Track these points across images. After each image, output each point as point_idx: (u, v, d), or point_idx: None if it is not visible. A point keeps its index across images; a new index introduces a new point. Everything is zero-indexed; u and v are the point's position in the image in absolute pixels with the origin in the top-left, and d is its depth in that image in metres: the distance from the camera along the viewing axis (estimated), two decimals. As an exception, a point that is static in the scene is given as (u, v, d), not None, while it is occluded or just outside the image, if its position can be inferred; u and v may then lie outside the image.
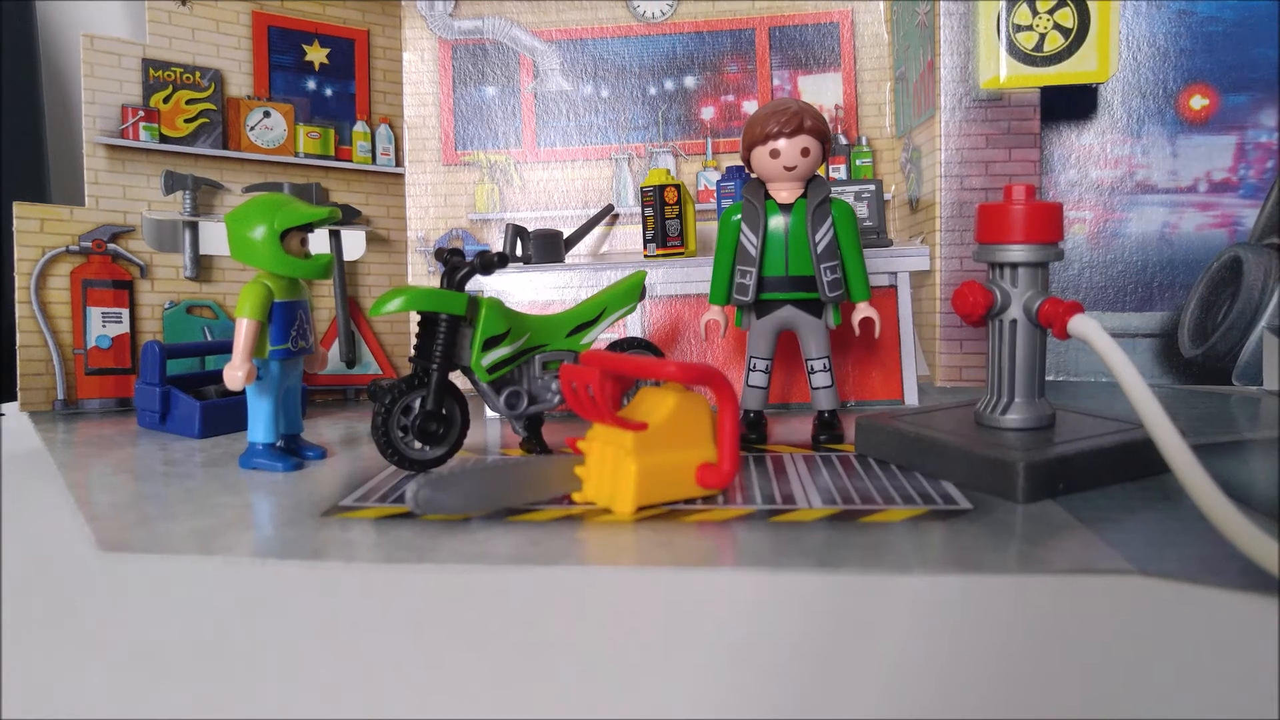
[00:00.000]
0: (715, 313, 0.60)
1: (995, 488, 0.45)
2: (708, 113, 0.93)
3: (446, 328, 0.52)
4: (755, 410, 0.61)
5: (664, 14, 0.92)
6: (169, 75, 0.82)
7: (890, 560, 0.36)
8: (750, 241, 0.58)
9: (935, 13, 0.79)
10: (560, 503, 0.46)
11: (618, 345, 0.64)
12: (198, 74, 0.83)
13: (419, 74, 0.93)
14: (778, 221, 0.58)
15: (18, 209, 0.77)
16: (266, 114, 0.86)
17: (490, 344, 0.53)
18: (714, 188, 0.89)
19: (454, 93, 0.93)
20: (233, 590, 0.35)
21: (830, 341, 0.60)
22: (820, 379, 0.60)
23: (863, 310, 0.59)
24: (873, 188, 0.78)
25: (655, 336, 0.73)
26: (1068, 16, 0.74)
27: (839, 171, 0.91)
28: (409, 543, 0.40)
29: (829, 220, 0.57)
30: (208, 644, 0.30)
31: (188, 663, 0.29)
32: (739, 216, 0.58)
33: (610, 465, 0.44)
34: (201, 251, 0.82)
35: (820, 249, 0.57)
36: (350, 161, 0.89)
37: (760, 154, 0.57)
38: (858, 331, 0.60)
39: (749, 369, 0.61)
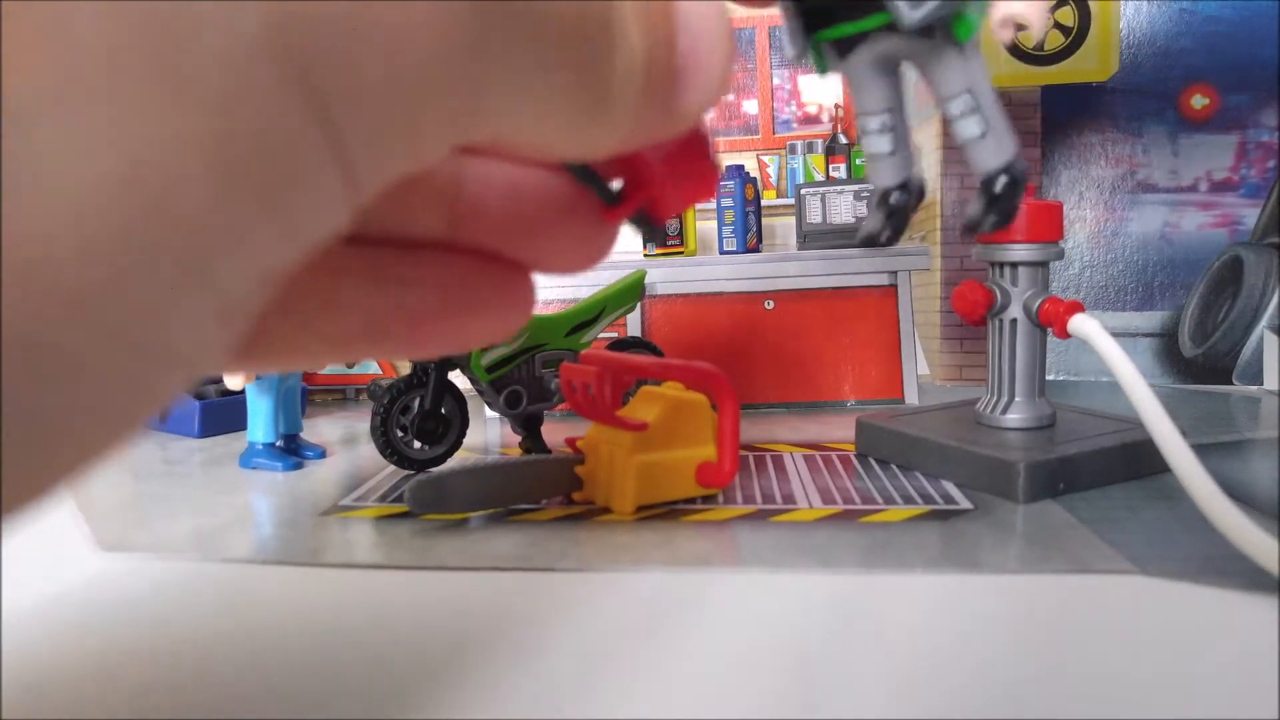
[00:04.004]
0: None
1: (996, 488, 0.45)
2: (707, 112, 0.93)
3: (446, 327, 0.52)
4: (890, 186, 0.42)
5: (664, 13, 0.92)
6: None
7: (890, 560, 0.36)
8: None
9: (935, 12, 0.79)
10: (560, 502, 0.45)
11: (618, 345, 0.64)
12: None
13: (419, 73, 0.92)
14: None
15: (17, 208, 0.76)
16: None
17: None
18: (714, 187, 0.89)
19: (454, 92, 0.93)
20: (232, 589, 0.35)
21: (980, 66, 0.38)
22: (966, 127, 0.38)
23: (1006, 7, 0.40)
24: (873, 187, 0.78)
25: (655, 336, 0.73)
26: (1068, 15, 0.73)
27: (839, 171, 0.91)
28: (408, 542, 0.40)
29: None
30: (207, 644, 0.30)
31: (187, 663, 0.29)
32: None
33: (609, 465, 0.44)
34: (201, 251, 0.82)
35: None
36: (350, 161, 0.89)
37: None
38: (1009, 37, 0.39)
39: (860, 132, 0.41)
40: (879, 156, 0.40)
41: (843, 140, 0.91)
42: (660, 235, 0.20)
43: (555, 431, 0.60)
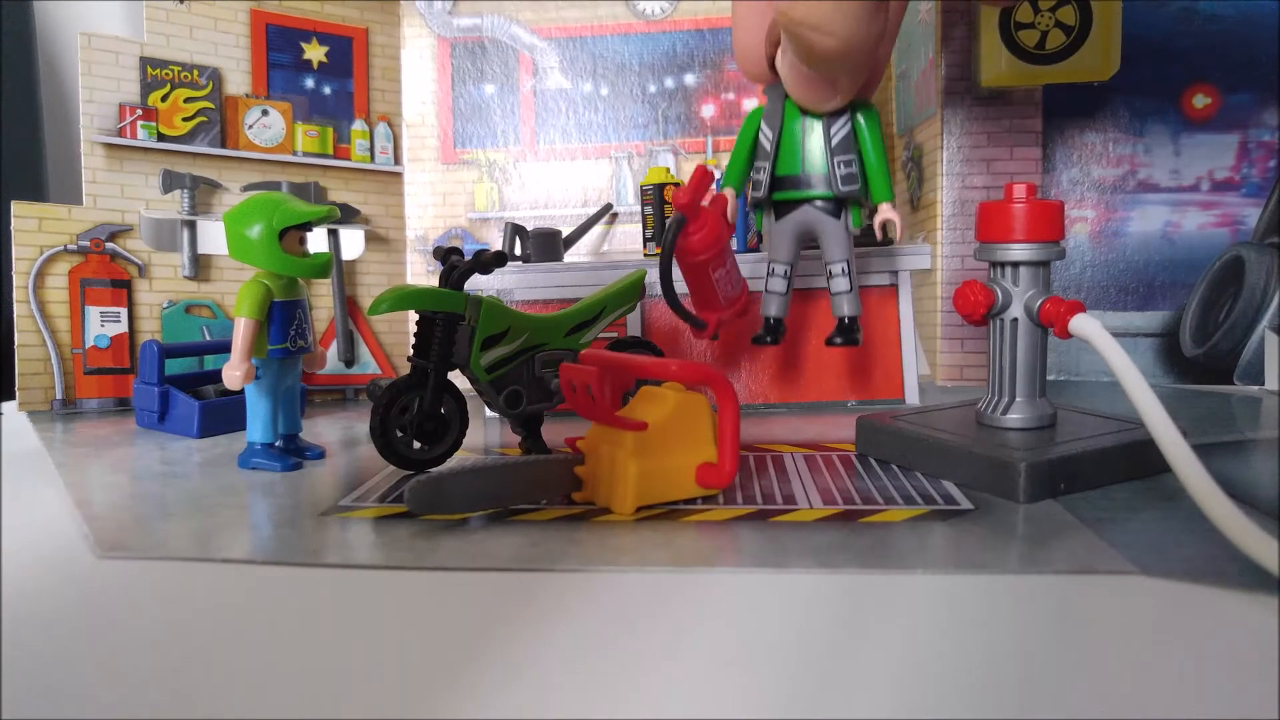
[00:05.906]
0: (726, 192, 0.60)
1: (996, 488, 0.45)
2: (708, 110, 0.92)
3: (444, 327, 0.52)
4: (774, 316, 0.61)
5: (664, 11, 0.92)
6: (167, 74, 0.82)
7: (891, 560, 0.36)
8: (766, 137, 0.58)
9: (937, 10, 0.79)
10: (560, 502, 0.45)
11: (618, 345, 0.64)
12: (195, 72, 0.83)
13: (418, 72, 0.92)
14: (795, 118, 0.58)
15: (16, 208, 0.76)
16: (265, 112, 0.86)
17: (489, 343, 0.53)
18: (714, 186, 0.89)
19: (453, 91, 0.93)
20: (231, 590, 0.35)
21: (852, 245, 0.60)
22: (839, 283, 0.59)
23: (884, 212, 0.58)
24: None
25: (655, 336, 0.73)
26: (1070, 14, 0.73)
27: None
28: (408, 543, 0.40)
29: (846, 114, 0.57)
30: (206, 645, 0.30)
31: (186, 663, 0.29)
32: (759, 114, 0.59)
33: (609, 465, 0.44)
34: (200, 251, 0.82)
35: (835, 141, 0.57)
36: (349, 160, 0.89)
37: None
38: (879, 236, 0.59)
39: (768, 274, 0.61)
40: (775, 293, 0.62)
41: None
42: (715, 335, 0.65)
43: (555, 431, 0.60)
